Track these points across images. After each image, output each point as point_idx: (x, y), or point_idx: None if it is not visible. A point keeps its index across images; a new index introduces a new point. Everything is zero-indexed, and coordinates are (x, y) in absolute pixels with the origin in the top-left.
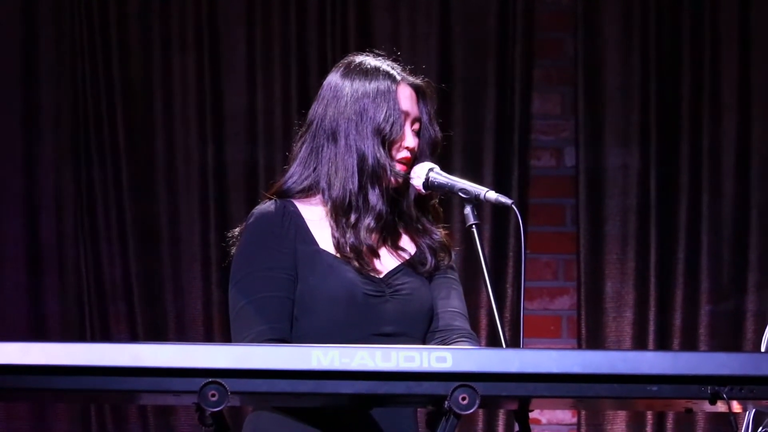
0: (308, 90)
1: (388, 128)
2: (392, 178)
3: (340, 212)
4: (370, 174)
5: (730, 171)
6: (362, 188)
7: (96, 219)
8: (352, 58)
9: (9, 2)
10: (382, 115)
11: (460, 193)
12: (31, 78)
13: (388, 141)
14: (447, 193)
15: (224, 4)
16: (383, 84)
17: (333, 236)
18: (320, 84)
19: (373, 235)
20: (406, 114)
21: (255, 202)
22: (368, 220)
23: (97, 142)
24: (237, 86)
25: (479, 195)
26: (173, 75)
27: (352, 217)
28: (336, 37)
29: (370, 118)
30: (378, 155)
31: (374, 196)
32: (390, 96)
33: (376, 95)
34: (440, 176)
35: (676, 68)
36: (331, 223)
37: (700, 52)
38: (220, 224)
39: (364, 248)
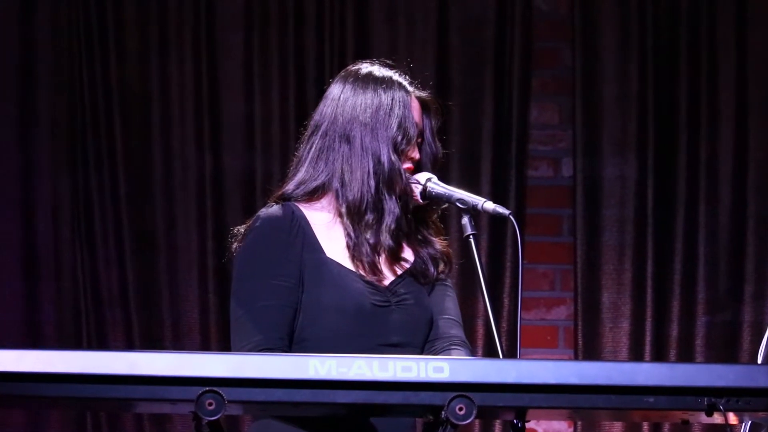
0: (306, 98)
1: (401, 137)
2: (405, 186)
3: (355, 213)
4: (386, 178)
5: (727, 181)
6: (378, 191)
7: (93, 226)
8: (363, 65)
9: (6, 8)
10: (397, 124)
11: (457, 204)
12: (29, 84)
13: (399, 150)
14: (444, 203)
15: (222, 13)
16: (399, 94)
17: (348, 237)
18: (318, 92)
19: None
20: (416, 125)
21: (252, 211)
22: (389, 221)
23: (94, 149)
24: (234, 94)
25: (476, 205)
26: (171, 83)
27: (370, 218)
28: (334, 45)
29: (387, 126)
30: (393, 160)
31: (390, 201)
32: (406, 107)
33: (393, 104)
34: (438, 186)
35: (673, 78)
36: (347, 224)
37: (698, 61)
38: (217, 232)
39: (383, 249)
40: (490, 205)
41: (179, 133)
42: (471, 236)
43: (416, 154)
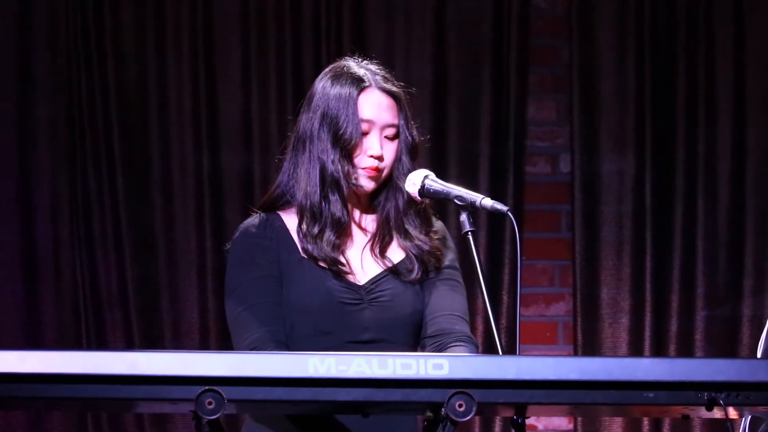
0: (303, 98)
1: (345, 136)
2: (354, 188)
3: (305, 221)
4: (330, 183)
5: (725, 176)
6: (325, 198)
7: (91, 227)
8: (333, 64)
9: (4, 10)
10: (339, 123)
11: (455, 201)
12: (27, 85)
13: (346, 149)
14: (443, 200)
15: (219, 12)
16: (345, 90)
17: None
18: None
19: (342, 246)
20: (370, 122)
21: (250, 210)
22: (328, 234)
23: (92, 150)
24: (232, 94)
25: (475, 202)
26: (168, 83)
27: (315, 229)
28: (331, 44)
29: (328, 125)
30: (336, 164)
31: (335, 206)
32: (348, 103)
33: (337, 101)
34: (436, 183)
35: (671, 74)
36: (298, 230)
37: (695, 57)
38: (216, 232)
39: (329, 261)
40: (488, 202)
41: (177, 133)
42: (469, 233)
43: (375, 150)
